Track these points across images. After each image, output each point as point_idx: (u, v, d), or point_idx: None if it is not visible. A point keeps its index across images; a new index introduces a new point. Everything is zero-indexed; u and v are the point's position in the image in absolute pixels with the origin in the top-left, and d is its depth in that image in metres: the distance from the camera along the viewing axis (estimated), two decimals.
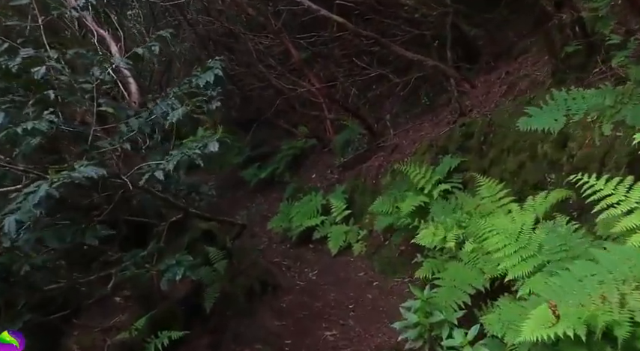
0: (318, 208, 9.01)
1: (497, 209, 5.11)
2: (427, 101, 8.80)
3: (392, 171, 7.97)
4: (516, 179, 5.43)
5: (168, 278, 4.11)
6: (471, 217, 5.22)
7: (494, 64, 7.94)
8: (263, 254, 9.17)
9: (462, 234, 5.07)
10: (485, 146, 6.10)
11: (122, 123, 4.50)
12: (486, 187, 5.44)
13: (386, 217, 7.15)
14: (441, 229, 5.21)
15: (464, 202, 5.72)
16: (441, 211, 5.86)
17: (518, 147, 5.41)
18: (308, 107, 11.62)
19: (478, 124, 6.26)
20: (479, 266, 4.56)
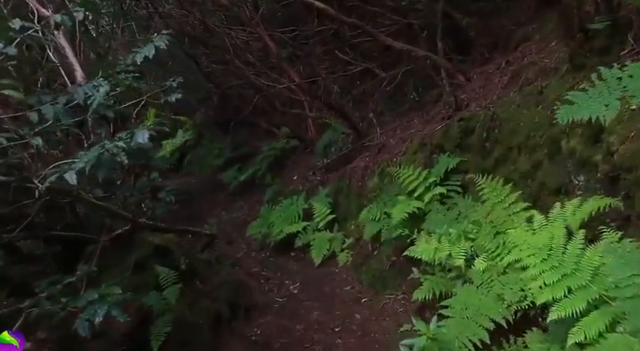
0: (300, 212, 7.85)
1: (511, 218, 4.02)
2: (415, 96, 7.71)
3: (379, 172, 6.84)
4: (530, 182, 4.34)
5: (87, 319, 2.92)
6: (480, 227, 4.11)
7: (489, 55, 6.88)
8: (241, 263, 7.99)
9: (471, 248, 3.96)
10: (488, 143, 5.01)
11: (33, 111, 3.28)
12: (493, 190, 4.35)
13: (374, 225, 6.03)
14: (445, 242, 4.09)
15: (468, 209, 4.61)
16: (441, 220, 4.76)
17: (532, 143, 4.32)
18: (289, 106, 10.45)
19: (479, 118, 5.17)
20: (496, 291, 3.44)
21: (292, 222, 7.77)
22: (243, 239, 9.01)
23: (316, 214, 7.49)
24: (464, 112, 5.56)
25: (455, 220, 4.60)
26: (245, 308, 5.01)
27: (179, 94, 4.22)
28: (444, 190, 5.29)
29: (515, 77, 5.46)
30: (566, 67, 4.57)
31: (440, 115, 6.47)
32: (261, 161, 10.91)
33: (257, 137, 12.25)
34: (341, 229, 7.35)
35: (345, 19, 6.59)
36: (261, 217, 8.58)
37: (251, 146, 11.95)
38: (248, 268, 7.82)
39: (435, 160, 5.77)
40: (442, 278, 4.30)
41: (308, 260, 7.29)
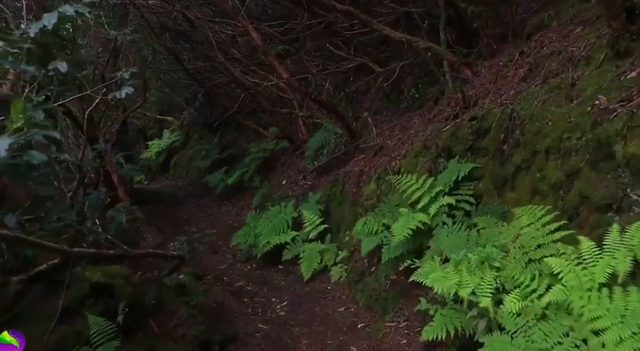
0: (289, 221, 6.89)
1: (546, 240, 3.09)
2: (415, 93, 6.76)
3: (376, 177, 5.90)
4: (564, 194, 3.41)
5: None
6: (507, 253, 3.17)
7: (497, 46, 5.94)
8: (224, 276, 7.02)
9: (497, 279, 3.02)
10: (507, 146, 4.07)
11: None
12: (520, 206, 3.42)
13: (371, 239, 5.07)
14: (464, 270, 3.14)
15: (487, 227, 3.67)
16: (452, 240, 3.82)
17: (567, 147, 3.39)
18: (278, 105, 9.49)
19: (495, 117, 4.23)
20: (539, 345, 2.50)
21: (280, 232, 6.81)
22: (229, 248, 8.06)
23: (306, 223, 6.54)
24: (475, 110, 4.62)
25: (469, 239, 3.65)
26: (220, 343, 4.03)
27: (130, 88, 3.24)
28: (453, 200, 4.35)
29: (534, 69, 4.53)
30: (604, 54, 3.64)
31: (444, 114, 5.52)
32: (249, 163, 9.96)
33: (246, 138, 11.29)
34: (334, 240, 6.40)
35: (338, 6, 5.61)
36: (246, 226, 7.61)
37: (239, 147, 10.99)
38: (232, 282, 6.86)
39: (441, 165, 4.84)
40: (458, 312, 3.37)
41: (298, 274, 6.34)
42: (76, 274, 2.94)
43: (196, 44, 8.67)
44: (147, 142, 13.43)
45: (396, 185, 4.95)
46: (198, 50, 8.83)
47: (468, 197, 4.36)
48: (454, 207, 4.37)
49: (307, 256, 6.24)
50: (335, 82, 9.04)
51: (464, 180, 4.42)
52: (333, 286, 5.84)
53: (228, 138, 11.52)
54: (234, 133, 11.47)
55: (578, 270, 2.63)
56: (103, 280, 3.04)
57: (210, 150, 11.48)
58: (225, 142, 11.47)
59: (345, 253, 5.99)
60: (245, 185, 10.07)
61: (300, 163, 8.55)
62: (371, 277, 5.31)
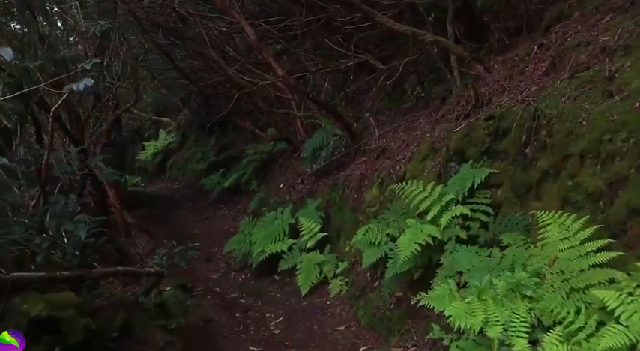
0: (285, 228, 6.28)
1: (589, 266, 2.48)
2: (421, 92, 6.15)
3: (379, 182, 5.30)
4: (604, 206, 2.81)
5: None
6: (541, 279, 2.56)
7: (509, 41, 5.32)
8: (216, 287, 6.44)
9: (532, 313, 2.42)
10: (531, 149, 3.47)
11: None
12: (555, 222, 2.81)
13: (374, 250, 4.47)
14: (489, 299, 2.54)
15: (513, 244, 3.06)
16: (472, 260, 3.21)
17: (609, 150, 2.79)
18: (276, 105, 8.89)
19: (515, 115, 3.63)
20: None
21: (276, 240, 6.21)
22: (223, 255, 7.48)
23: (304, 230, 5.94)
24: (491, 109, 4.01)
25: (491, 260, 3.04)
26: None
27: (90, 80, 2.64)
28: (468, 210, 3.74)
29: (558, 63, 3.92)
30: None
31: (453, 114, 4.92)
32: (246, 166, 9.36)
33: (243, 140, 10.69)
34: (333, 249, 5.80)
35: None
36: (241, 232, 7.01)
37: (236, 149, 10.39)
38: (224, 293, 6.27)
39: (452, 170, 4.23)
40: (480, 346, 2.76)
41: (295, 285, 5.74)
42: (11, 306, 2.34)
43: (189, 41, 8.07)
44: (143, 144, 12.84)
45: (401, 194, 4.34)
46: (191, 48, 8.23)
47: (485, 207, 3.75)
48: (469, 218, 3.76)
49: (305, 267, 5.64)
50: (334, 81, 8.44)
51: (479, 187, 3.81)
52: (333, 301, 5.23)
53: (225, 139, 10.93)
54: (232, 135, 10.87)
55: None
56: (45, 314, 2.45)
57: (207, 152, 10.89)
58: (223, 143, 10.88)
59: (346, 265, 5.38)
60: (242, 189, 9.48)
61: (298, 166, 7.96)
62: (374, 293, 4.70)
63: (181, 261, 4.10)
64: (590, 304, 2.29)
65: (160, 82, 11.42)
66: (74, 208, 3.81)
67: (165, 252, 4.17)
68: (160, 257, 4.11)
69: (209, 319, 4.88)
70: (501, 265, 2.86)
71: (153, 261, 4.09)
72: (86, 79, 2.73)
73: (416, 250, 3.72)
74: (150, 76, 10.81)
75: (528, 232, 3.30)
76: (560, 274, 2.47)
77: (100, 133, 8.35)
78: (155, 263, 4.06)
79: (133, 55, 8.53)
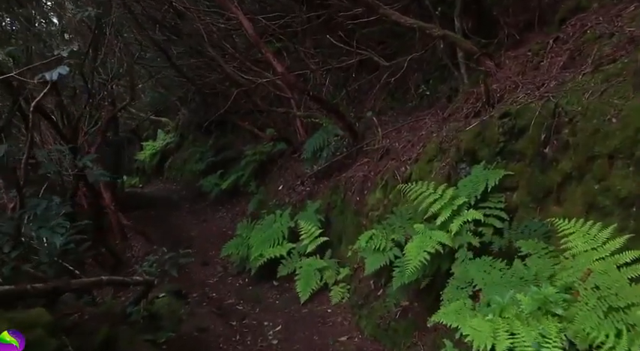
0: (284, 232, 5.95)
1: (625, 281, 2.15)
2: (426, 90, 5.82)
3: (383, 184, 4.97)
4: (638, 213, 2.47)
5: None
6: (574, 296, 2.23)
7: (521, 36, 4.99)
8: (213, 293, 6.11)
9: (563, 334, 2.08)
10: (551, 149, 3.14)
11: None
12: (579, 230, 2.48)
13: (378, 257, 4.14)
14: (513, 318, 2.20)
15: (534, 254, 2.73)
16: (488, 272, 2.88)
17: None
18: (276, 105, 8.57)
19: (533, 113, 3.30)
20: None
21: (275, 243, 5.88)
22: (221, 259, 7.14)
23: (304, 234, 5.61)
24: (506, 106, 3.68)
25: (513, 273, 2.70)
26: None
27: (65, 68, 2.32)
28: (481, 215, 3.41)
29: (578, 56, 3.61)
30: None
31: (462, 112, 4.60)
32: (244, 167, 9.03)
33: (242, 140, 10.36)
34: (334, 254, 5.47)
35: None
36: (238, 236, 6.68)
37: (235, 150, 10.05)
38: (221, 299, 5.94)
39: (463, 171, 3.90)
40: None
41: (294, 291, 5.41)
42: None
43: (186, 38, 7.74)
44: (141, 144, 12.51)
45: (408, 195, 4.01)
46: (189, 44, 7.90)
47: (499, 211, 3.41)
48: (481, 223, 3.43)
49: (305, 273, 5.32)
50: (335, 80, 8.12)
51: (493, 190, 3.48)
52: (334, 309, 4.91)
53: (224, 140, 10.60)
54: (231, 135, 10.54)
55: None
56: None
57: (205, 152, 10.56)
58: (221, 144, 10.55)
59: (347, 271, 5.06)
60: (241, 190, 9.16)
61: (298, 167, 7.63)
62: (378, 302, 4.37)
63: (172, 269, 3.76)
64: (633, 327, 1.96)
65: (158, 82, 11.08)
66: (57, 211, 3.48)
67: (155, 259, 3.84)
68: (149, 264, 3.78)
69: (204, 329, 4.54)
70: (524, 277, 2.52)
71: (142, 268, 3.75)
72: (60, 68, 2.40)
73: (425, 260, 3.39)
74: (148, 74, 10.48)
75: (548, 239, 2.98)
76: (595, 291, 2.14)
77: (95, 132, 8.02)
78: (144, 271, 3.73)
79: (129, 51, 8.21)
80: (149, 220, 9.50)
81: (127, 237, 8.25)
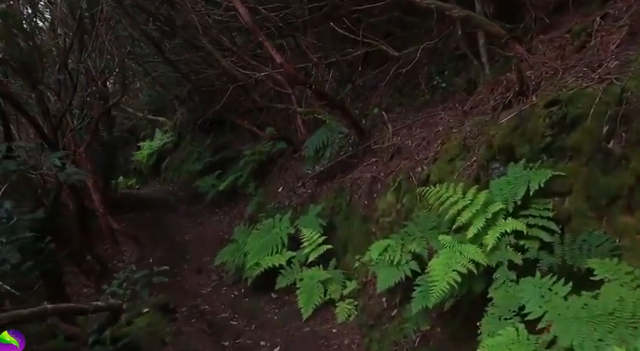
0: (284, 238, 5.20)
1: None
2: (441, 82, 5.07)
3: (395, 187, 4.23)
4: None
5: None
6: None
7: (551, 20, 4.25)
8: (205, 305, 5.38)
9: None
10: (617, 144, 2.41)
11: None
12: None
13: (392, 271, 3.42)
14: None
15: (616, 280, 1.98)
16: (551, 305, 2.13)
17: None
18: (276, 101, 7.82)
19: (591, 99, 2.57)
20: None
21: (273, 251, 5.13)
22: (216, 266, 6.38)
23: (305, 242, 4.86)
24: (552, 92, 2.93)
25: (584, 306, 1.96)
26: None
27: None
28: (523, 226, 2.67)
29: None
30: None
31: (488, 104, 3.86)
32: (243, 167, 8.29)
33: (241, 139, 9.60)
34: (340, 264, 4.73)
35: None
36: (234, 241, 5.93)
37: (234, 149, 9.30)
38: (214, 313, 5.21)
39: (495, 172, 3.16)
40: None
41: (294, 306, 4.66)
42: None
43: (181, 30, 6.99)
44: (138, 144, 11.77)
45: (428, 199, 3.27)
46: (183, 37, 7.15)
47: (546, 221, 2.67)
48: (524, 235, 2.69)
49: (306, 286, 4.57)
50: (339, 76, 7.38)
51: (537, 194, 2.74)
52: (340, 329, 4.16)
53: (222, 139, 9.86)
54: (229, 134, 9.80)
55: None
56: None
57: (202, 152, 9.82)
58: (219, 143, 9.80)
59: (355, 285, 4.31)
60: (239, 192, 8.41)
61: (298, 168, 6.88)
62: (392, 324, 3.63)
63: (144, 291, 3.01)
64: None
65: (156, 80, 10.34)
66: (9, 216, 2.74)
67: (125, 277, 3.09)
68: (118, 284, 3.04)
69: None
70: (613, 314, 1.77)
71: (110, 289, 3.01)
72: None
73: (455, 281, 2.65)
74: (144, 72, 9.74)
75: (619, 259, 2.24)
76: None
77: (84, 130, 7.29)
78: (112, 293, 2.98)
79: (121, 45, 7.47)
80: (143, 222, 8.76)
81: (118, 241, 7.53)
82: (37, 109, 6.04)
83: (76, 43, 6.37)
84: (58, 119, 6.33)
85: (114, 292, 2.92)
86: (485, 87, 4.22)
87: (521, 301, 2.34)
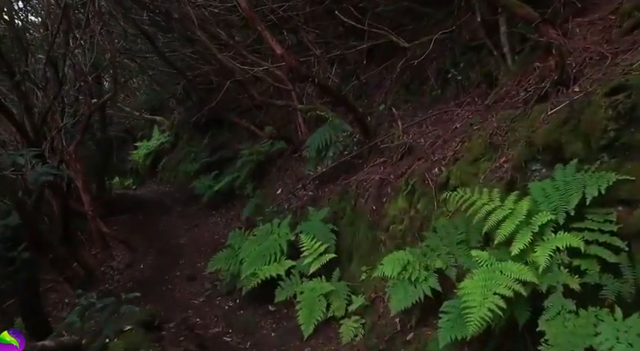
0: (283, 246, 4.57)
1: None
2: (457, 74, 4.45)
3: (408, 191, 3.61)
4: None
5: None
6: None
7: (583, 4, 3.64)
8: (196, 318, 4.74)
9: None
10: None
11: None
12: None
13: (409, 290, 2.82)
14: None
15: None
16: None
17: None
18: (275, 98, 7.19)
19: None
20: None
21: (271, 260, 4.50)
22: (210, 273, 5.74)
23: (306, 250, 4.23)
24: (612, 77, 2.32)
25: None
26: None
27: None
28: (580, 242, 2.06)
29: None
30: None
31: (518, 96, 3.26)
32: (240, 168, 7.64)
33: (239, 139, 8.95)
34: (344, 276, 4.10)
35: None
36: (229, 246, 5.29)
37: (231, 149, 8.66)
38: (205, 326, 4.58)
39: (536, 174, 2.55)
40: None
41: (294, 321, 4.04)
42: None
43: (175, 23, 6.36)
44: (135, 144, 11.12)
45: (452, 205, 2.66)
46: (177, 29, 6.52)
47: (608, 237, 2.07)
48: (580, 254, 2.08)
49: (307, 299, 3.94)
50: (341, 73, 6.78)
51: (594, 203, 2.13)
52: (345, 350, 3.53)
53: (220, 138, 9.22)
54: (227, 134, 9.16)
55: None
56: None
57: (199, 152, 9.18)
58: (217, 143, 9.17)
59: (362, 301, 3.68)
60: (236, 193, 7.77)
61: (299, 168, 6.26)
62: (407, 350, 3.00)
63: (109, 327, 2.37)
64: None
65: (153, 78, 9.69)
66: None
67: (87, 304, 2.45)
68: (77, 313, 2.39)
69: None
70: None
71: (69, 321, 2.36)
72: None
73: (498, 307, 2.04)
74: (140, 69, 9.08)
75: None
76: None
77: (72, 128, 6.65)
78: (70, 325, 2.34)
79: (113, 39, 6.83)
80: (137, 224, 8.12)
81: (109, 246, 6.87)
82: (18, 104, 5.41)
83: (62, 33, 5.73)
84: (43, 115, 5.70)
85: (72, 323, 2.28)
86: (510, 78, 3.62)
87: (590, 341, 1.73)
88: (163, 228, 7.93)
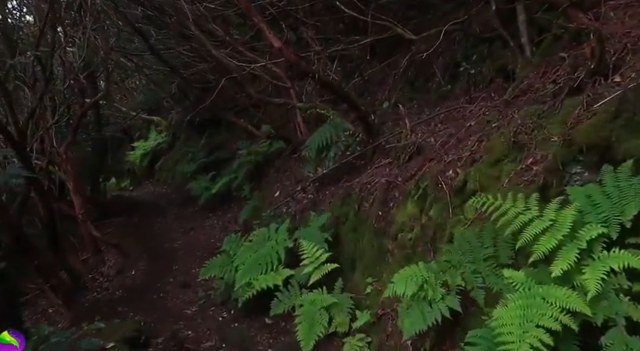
0: (281, 253, 4.12)
1: None
2: (469, 68, 4.01)
3: (419, 195, 3.17)
4: None
5: None
6: None
7: None
8: (186, 331, 4.29)
9: None
10: None
11: None
12: None
13: (423, 309, 2.38)
14: None
15: None
16: None
17: None
18: (274, 96, 6.75)
19: None
20: None
21: (268, 269, 4.05)
22: (205, 280, 5.29)
23: (306, 258, 3.77)
24: None
25: None
26: None
27: None
28: (637, 260, 1.62)
29: None
30: None
31: (544, 90, 2.82)
32: (237, 169, 7.20)
33: (237, 139, 8.49)
34: (347, 286, 3.66)
35: None
36: (224, 252, 4.84)
37: (228, 149, 8.22)
38: (197, 340, 4.14)
39: (576, 178, 2.11)
40: None
41: (292, 336, 3.59)
42: None
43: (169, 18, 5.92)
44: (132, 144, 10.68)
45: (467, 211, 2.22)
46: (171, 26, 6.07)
47: None
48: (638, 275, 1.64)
49: (307, 313, 3.49)
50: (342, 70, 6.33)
51: None
52: None
53: (217, 139, 8.78)
54: (225, 134, 8.72)
55: None
56: None
57: (197, 152, 8.73)
58: (214, 143, 8.73)
59: (368, 317, 3.23)
60: (233, 195, 7.33)
61: (298, 170, 5.82)
62: None
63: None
64: None
65: (150, 78, 9.25)
66: None
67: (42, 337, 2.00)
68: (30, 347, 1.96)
69: None
70: None
71: None
72: None
73: (542, 343, 1.59)
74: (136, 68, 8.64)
75: None
76: None
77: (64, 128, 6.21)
78: None
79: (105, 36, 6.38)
80: (131, 227, 7.67)
81: (100, 250, 6.42)
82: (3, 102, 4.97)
83: (49, 29, 5.28)
84: (29, 114, 5.25)
85: None
86: (531, 70, 3.18)
87: None
88: (158, 231, 7.49)
